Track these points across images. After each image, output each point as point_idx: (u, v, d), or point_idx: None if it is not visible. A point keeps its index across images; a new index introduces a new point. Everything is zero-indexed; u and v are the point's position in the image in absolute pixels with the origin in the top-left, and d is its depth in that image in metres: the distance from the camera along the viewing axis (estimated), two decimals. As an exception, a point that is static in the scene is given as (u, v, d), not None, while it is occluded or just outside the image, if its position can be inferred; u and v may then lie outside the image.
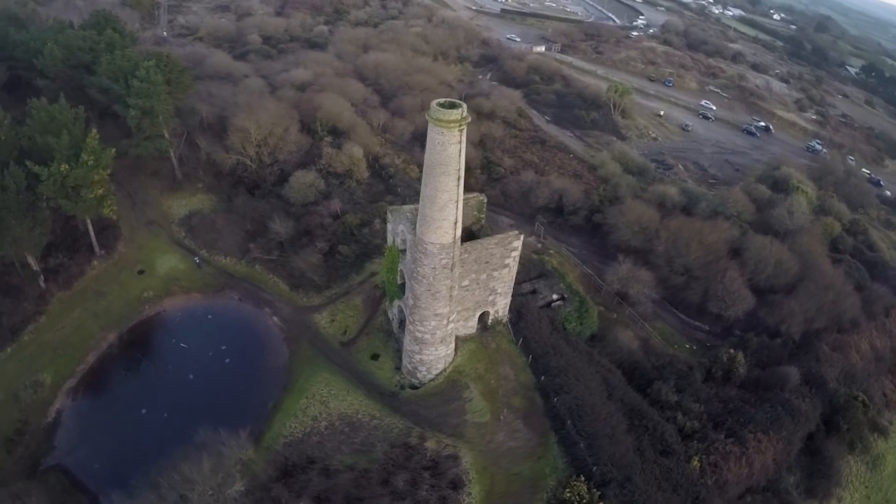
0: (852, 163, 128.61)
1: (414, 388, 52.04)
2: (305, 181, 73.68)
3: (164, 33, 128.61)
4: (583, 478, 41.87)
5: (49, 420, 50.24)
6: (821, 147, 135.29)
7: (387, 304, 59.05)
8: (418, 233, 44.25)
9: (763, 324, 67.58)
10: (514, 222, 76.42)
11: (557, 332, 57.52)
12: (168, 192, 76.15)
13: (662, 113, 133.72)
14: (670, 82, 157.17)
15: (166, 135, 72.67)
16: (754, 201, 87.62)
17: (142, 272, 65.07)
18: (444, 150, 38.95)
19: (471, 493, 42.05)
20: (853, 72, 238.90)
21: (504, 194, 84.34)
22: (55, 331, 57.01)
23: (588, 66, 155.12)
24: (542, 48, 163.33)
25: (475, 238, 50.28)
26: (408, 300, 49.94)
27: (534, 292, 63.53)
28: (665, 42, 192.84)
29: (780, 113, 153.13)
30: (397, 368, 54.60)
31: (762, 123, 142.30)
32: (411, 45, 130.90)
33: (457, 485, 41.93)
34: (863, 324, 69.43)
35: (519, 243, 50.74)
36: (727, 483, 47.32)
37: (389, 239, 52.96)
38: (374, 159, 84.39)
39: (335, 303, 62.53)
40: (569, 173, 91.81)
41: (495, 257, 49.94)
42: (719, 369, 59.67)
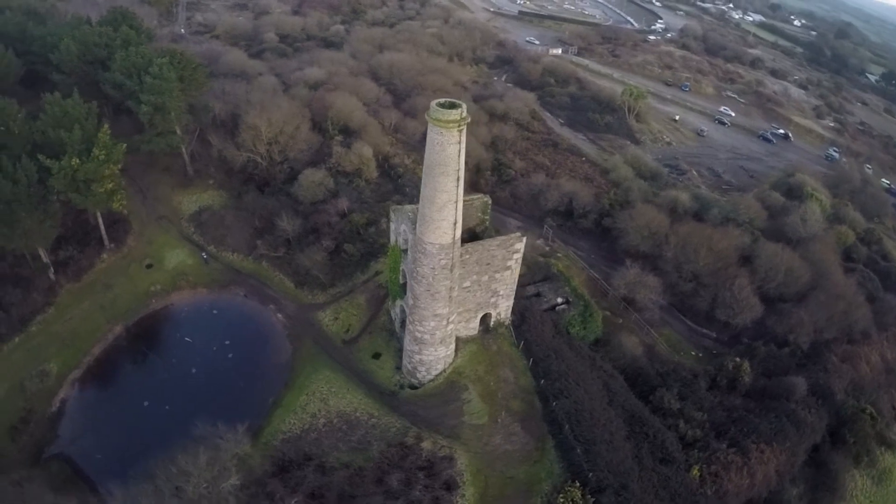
0: (870, 171, 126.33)
1: (413, 388, 52.00)
2: (314, 179, 74.01)
3: (182, 30, 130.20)
4: (578, 483, 41.59)
5: (53, 409, 50.98)
6: (838, 155, 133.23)
7: (390, 304, 59.11)
8: (418, 233, 44.22)
9: (771, 332, 66.71)
10: (522, 224, 76.13)
11: (560, 336, 57.11)
12: (179, 187, 76.89)
13: (678, 117, 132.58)
14: (687, 87, 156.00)
15: (178, 131, 73.37)
16: (767, 208, 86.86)
17: (150, 266, 65.86)
18: (442, 151, 38.89)
19: (464, 495, 41.91)
20: (873, 79, 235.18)
21: (514, 196, 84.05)
22: (63, 322, 57.83)
23: (604, 70, 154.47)
24: (558, 50, 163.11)
25: (479, 239, 50.10)
26: (408, 300, 49.97)
27: (538, 295, 63.23)
28: (683, 46, 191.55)
29: (798, 119, 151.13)
30: (398, 368, 54.60)
31: (781, 131, 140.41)
32: (427, 46, 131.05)
33: (450, 486, 41.86)
34: (874, 335, 68.38)
35: (521, 245, 50.48)
36: (727, 493, 46.74)
37: (392, 238, 52.95)
38: (384, 159, 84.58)
39: (339, 301, 62.79)
40: (580, 176, 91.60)
41: (497, 259, 49.76)
42: (724, 377, 58.91)
